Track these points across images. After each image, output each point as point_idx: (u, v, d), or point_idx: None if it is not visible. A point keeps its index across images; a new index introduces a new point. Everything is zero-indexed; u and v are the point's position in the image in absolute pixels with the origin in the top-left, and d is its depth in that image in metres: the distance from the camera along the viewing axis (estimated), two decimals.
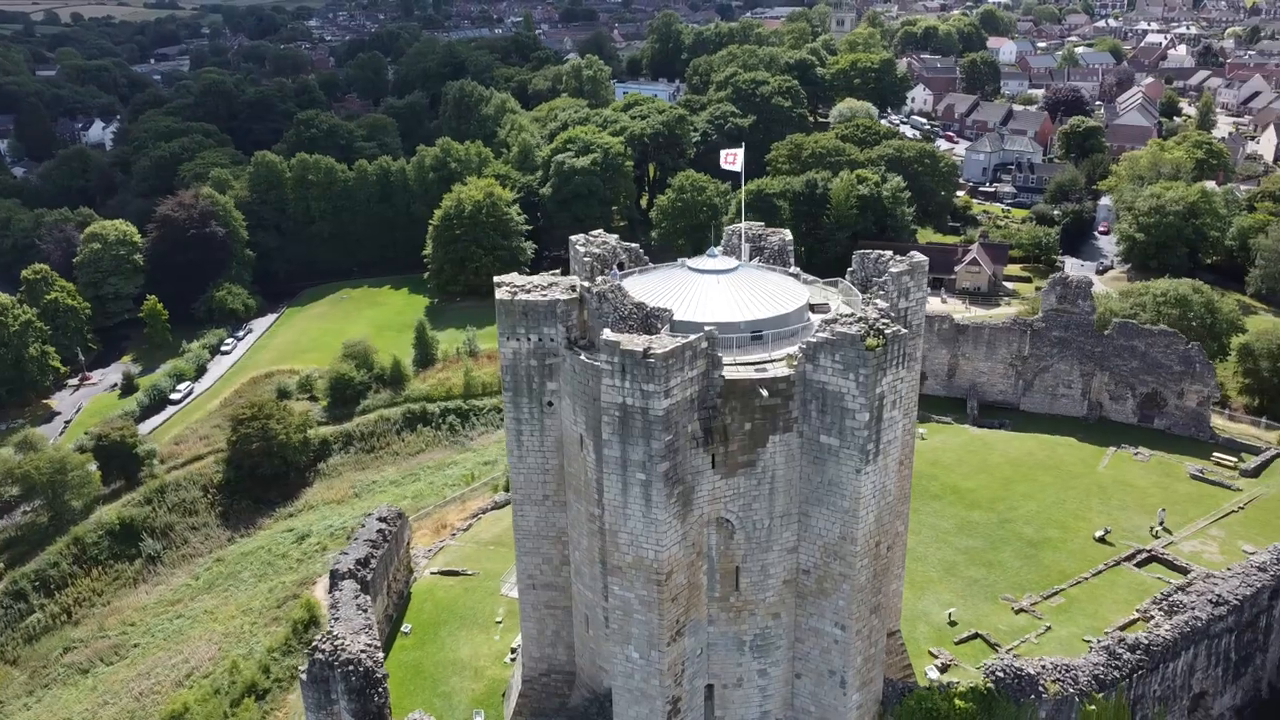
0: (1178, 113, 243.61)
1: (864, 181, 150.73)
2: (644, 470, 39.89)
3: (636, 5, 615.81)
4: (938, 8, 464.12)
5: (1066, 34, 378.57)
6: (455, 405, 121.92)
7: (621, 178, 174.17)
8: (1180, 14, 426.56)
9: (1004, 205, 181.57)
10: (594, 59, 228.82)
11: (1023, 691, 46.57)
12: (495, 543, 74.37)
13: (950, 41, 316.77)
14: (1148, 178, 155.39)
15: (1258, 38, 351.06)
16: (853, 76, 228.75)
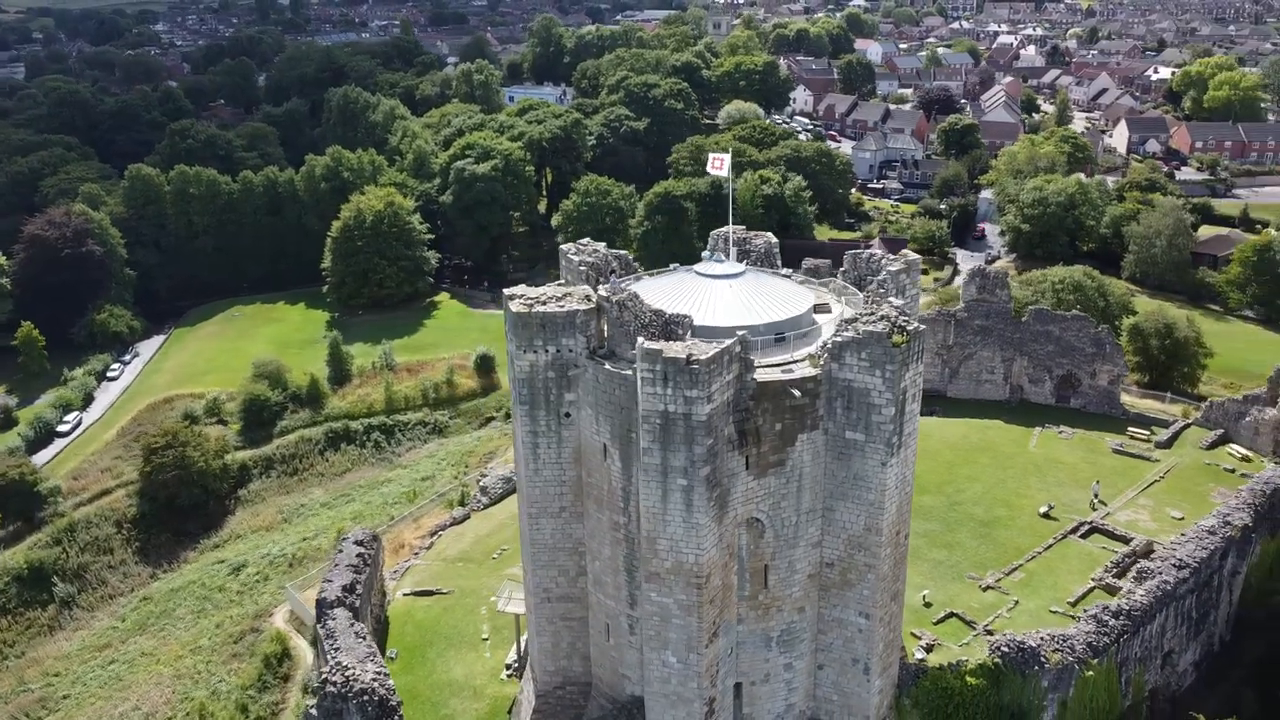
0: (1036, 109, 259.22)
1: (767, 182, 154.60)
2: (685, 476, 40.24)
3: (504, 8, 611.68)
4: (802, 11, 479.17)
5: (925, 36, 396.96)
6: (379, 421, 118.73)
7: (524, 183, 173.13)
8: (1025, 16, 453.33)
9: (892, 201, 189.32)
10: (484, 64, 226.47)
11: (1027, 664, 49.18)
12: (462, 559, 73.07)
13: (821, 43, 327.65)
14: (1026, 172, 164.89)
15: (1096, 38, 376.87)
16: (738, 79, 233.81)
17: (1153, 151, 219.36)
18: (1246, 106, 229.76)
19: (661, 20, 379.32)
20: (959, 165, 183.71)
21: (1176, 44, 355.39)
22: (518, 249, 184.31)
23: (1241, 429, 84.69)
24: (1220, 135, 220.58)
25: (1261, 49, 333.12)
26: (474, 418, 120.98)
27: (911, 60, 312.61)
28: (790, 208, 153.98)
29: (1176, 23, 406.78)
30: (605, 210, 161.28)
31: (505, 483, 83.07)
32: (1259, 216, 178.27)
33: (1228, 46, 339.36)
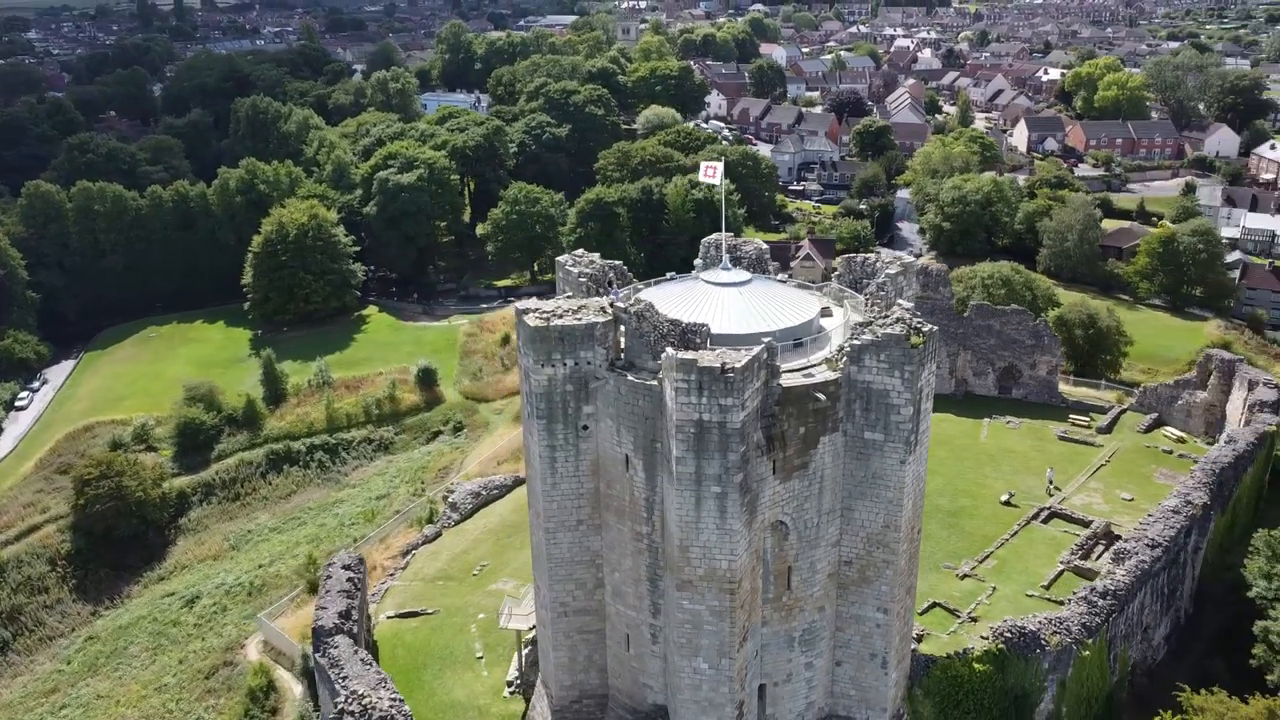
0: (939, 110, 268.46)
1: (696, 186, 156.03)
2: (719, 483, 40.66)
3: (401, 14, 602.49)
4: (703, 16, 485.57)
5: (825, 40, 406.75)
6: (321, 441, 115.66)
7: (450, 193, 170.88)
8: (918, 20, 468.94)
9: (813, 202, 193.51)
10: (400, 71, 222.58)
11: (1029, 647, 51.18)
12: (442, 578, 71.86)
13: (728, 48, 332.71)
14: (942, 172, 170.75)
15: (987, 41, 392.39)
16: (653, 84, 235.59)
17: (1051, 150, 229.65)
18: (1133, 105, 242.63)
19: (568, 26, 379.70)
20: (877, 166, 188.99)
21: (1061, 46, 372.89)
22: (444, 259, 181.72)
23: (1174, 412, 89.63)
24: (1111, 133, 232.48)
25: (1138, 50, 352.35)
26: (420, 433, 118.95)
27: (816, 64, 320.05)
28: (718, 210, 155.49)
29: (1059, 26, 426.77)
30: (535, 218, 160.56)
31: (474, 498, 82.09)
32: (1154, 210, 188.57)
33: (1107, 48, 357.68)
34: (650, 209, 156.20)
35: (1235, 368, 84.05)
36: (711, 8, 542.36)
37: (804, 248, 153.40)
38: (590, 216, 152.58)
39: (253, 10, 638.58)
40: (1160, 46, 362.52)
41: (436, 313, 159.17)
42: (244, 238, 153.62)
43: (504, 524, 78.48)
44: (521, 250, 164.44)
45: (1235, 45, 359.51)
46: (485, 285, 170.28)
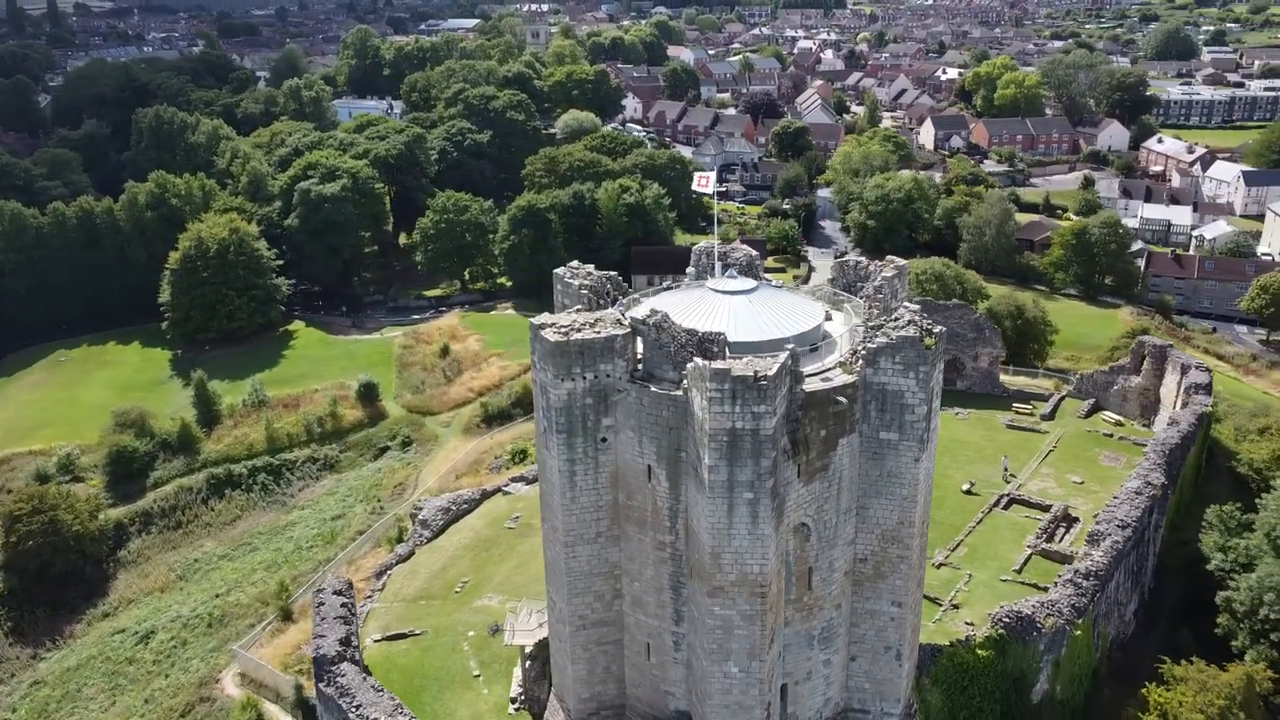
0: (847, 110, 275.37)
1: (627, 190, 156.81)
2: (751, 489, 41.29)
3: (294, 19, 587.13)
4: (606, 18, 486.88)
5: (729, 42, 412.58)
6: (263, 462, 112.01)
7: (374, 203, 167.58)
8: (816, 21, 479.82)
9: (737, 203, 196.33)
10: (312, 78, 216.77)
11: (1026, 631, 53.35)
12: (424, 597, 70.62)
13: (636, 51, 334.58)
14: (863, 171, 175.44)
15: (884, 41, 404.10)
16: (570, 88, 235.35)
17: (957, 147, 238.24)
18: (1030, 103, 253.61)
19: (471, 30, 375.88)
20: (798, 166, 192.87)
21: (955, 46, 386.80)
22: (369, 270, 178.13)
23: (1111, 397, 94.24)
24: (1012, 130, 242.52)
25: (1026, 49, 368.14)
26: (365, 449, 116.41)
27: (724, 66, 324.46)
28: (651, 215, 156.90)
29: (950, 27, 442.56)
30: (464, 226, 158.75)
31: (444, 514, 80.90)
32: (1058, 203, 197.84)
33: (998, 47, 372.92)
34: (582, 214, 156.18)
35: (1167, 353, 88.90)
36: (613, 9, 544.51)
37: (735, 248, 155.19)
38: (523, 223, 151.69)
39: (132, 16, 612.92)
40: (1046, 45, 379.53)
41: (367, 325, 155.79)
42: (156, 254, 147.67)
43: (479, 539, 77.56)
44: (451, 259, 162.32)
45: (1115, 44, 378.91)
46: (415, 296, 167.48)
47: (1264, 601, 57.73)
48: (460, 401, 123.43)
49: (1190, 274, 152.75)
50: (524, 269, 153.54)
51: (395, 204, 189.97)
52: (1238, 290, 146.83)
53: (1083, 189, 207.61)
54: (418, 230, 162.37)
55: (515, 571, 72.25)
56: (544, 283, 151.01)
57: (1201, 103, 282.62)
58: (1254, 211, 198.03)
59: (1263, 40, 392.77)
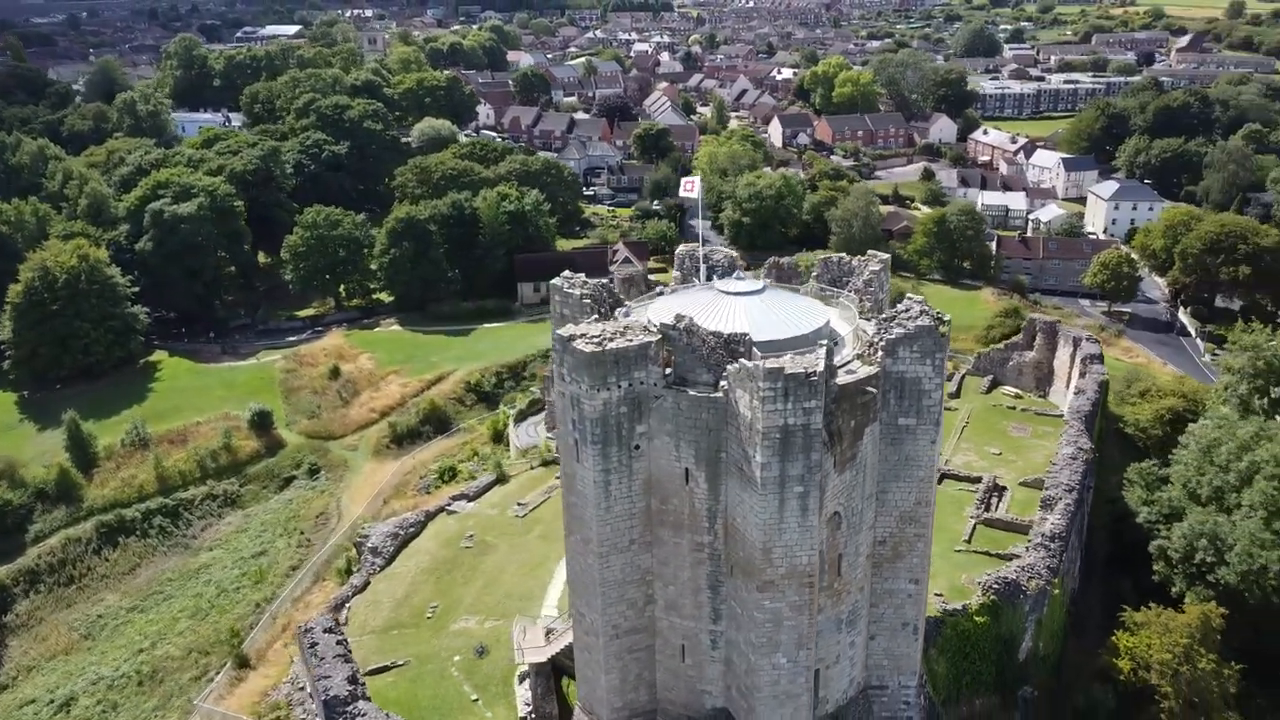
0: (694, 111, 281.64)
1: (506, 198, 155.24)
2: (802, 483, 42.45)
3: (88, 27, 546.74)
4: (434, 22, 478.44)
5: (565, 46, 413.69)
6: (157, 504, 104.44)
7: (234, 221, 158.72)
8: (646, 24, 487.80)
9: (607, 206, 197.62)
10: (148, 89, 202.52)
11: (1013, 594, 56.99)
12: (394, 627, 68.00)
13: (476, 56, 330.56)
14: (730, 170, 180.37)
15: (715, 43, 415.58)
16: (422, 95, 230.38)
17: (804, 144, 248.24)
18: (866, 100, 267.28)
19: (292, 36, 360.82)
20: (666, 167, 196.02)
21: (782, 47, 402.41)
22: (231, 293, 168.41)
23: (1007, 372, 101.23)
24: (853, 126, 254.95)
25: (848, 49, 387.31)
26: (268, 481, 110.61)
27: (567, 70, 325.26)
28: (532, 221, 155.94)
29: (775, 29, 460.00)
30: (337, 242, 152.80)
31: (393, 539, 78.03)
32: (906, 194, 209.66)
33: (821, 47, 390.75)
34: (463, 224, 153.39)
35: (1057, 329, 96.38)
36: (440, 14, 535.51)
37: (620, 251, 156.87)
38: (402, 236, 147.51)
39: None
40: (865, 45, 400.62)
41: (240, 351, 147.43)
42: None
43: (436, 562, 75.34)
44: (324, 277, 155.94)
45: (926, 43, 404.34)
46: (286, 317, 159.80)
47: (1197, 548, 63.90)
48: (362, 423, 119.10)
49: (1036, 255, 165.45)
50: (406, 283, 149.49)
51: (251, 222, 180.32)
52: (1079, 267, 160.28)
53: (924, 180, 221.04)
54: (286, 248, 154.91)
55: (484, 592, 70.75)
56: (427, 296, 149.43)
57: (1012, 96, 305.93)
58: (1073, 195, 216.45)
59: (1054, 37, 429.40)
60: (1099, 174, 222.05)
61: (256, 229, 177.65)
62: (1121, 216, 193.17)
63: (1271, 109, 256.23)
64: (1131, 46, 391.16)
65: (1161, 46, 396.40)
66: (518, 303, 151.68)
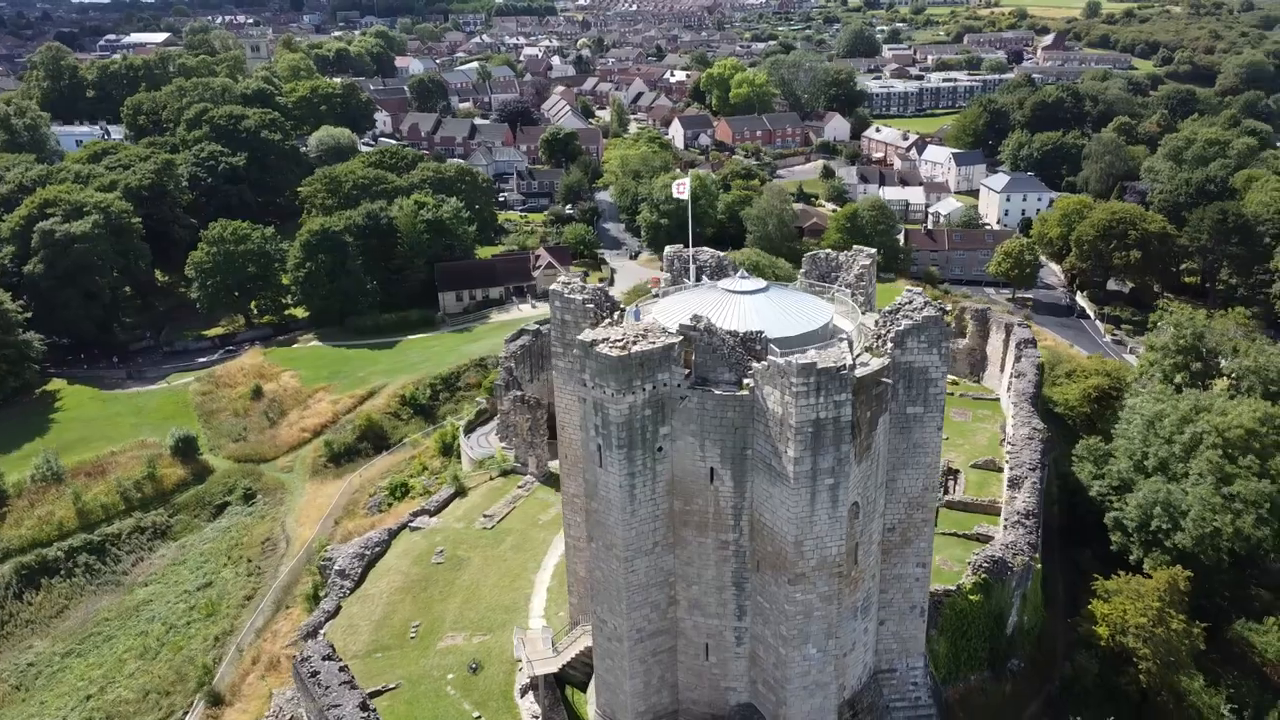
0: (593, 115, 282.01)
1: (424, 206, 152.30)
2: (832, 475, 43.22)
3: None
4: (312, 29, 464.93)
5: (452, 51, 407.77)
6: (81, 541, 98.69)
7: (131, 239, 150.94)
8: (532, 28, 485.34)
9: (519, 212, 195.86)
10: (22, 101, 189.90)
11: (1002, 572, 59.23)
12: (377, 650, 65.86)
13: (363, 62, 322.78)
14: (643, 173, 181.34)
15: (604, 47, 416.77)
16: (317, 103, 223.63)
17: (706, 145, 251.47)
18: (762, 100, 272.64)
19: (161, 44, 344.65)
20: (577, 171, 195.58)
21: (671, 50, 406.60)
22: (129, 315, 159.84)
23: None
24: (752, 126, 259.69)
25: (735, 50, 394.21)
26: (200, 509, 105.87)
27: (459, 75, 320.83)
28: (452, 229, 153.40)
29: (661, 31, 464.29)
30: (246, 257, 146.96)
31: (360, 560, 75.51)
32: (810, 191, 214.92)
33: (709, 49, 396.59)
34: (380, 235, 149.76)
35: (989, 316, 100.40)
36: (316, 20, 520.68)
37: (543, 257, 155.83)
38: (317, 248, 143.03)
39: None
40: (751, 46, 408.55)
41: (147, 375, 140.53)
42: None
43: (410, 580, 73.21)
44: (233, 294, 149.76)
45: (809, 44, 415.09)
46: (194, 337, 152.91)
47: (1153, 515, 67.74)
48: (294, 443, 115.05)
49: (942, 246, 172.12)
50: (323, 297, 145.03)
51: (148, 239, 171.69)
52: (982, 257, 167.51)
53: (825, 178, 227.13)
54: (190, 265, 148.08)
55: (466, 607, 69.21)
56: (347, 309, 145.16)
57: (897, 95, 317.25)
58: (964, 188, 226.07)
59: (928, 37, 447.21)
60: (987, 167, 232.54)
61: (153, 246, 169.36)
62: (1013, 207, 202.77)
63: (1135, 103, 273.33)
64: (1001, 45, 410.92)
65: (1028, 45, 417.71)
66: (440, 313, 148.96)
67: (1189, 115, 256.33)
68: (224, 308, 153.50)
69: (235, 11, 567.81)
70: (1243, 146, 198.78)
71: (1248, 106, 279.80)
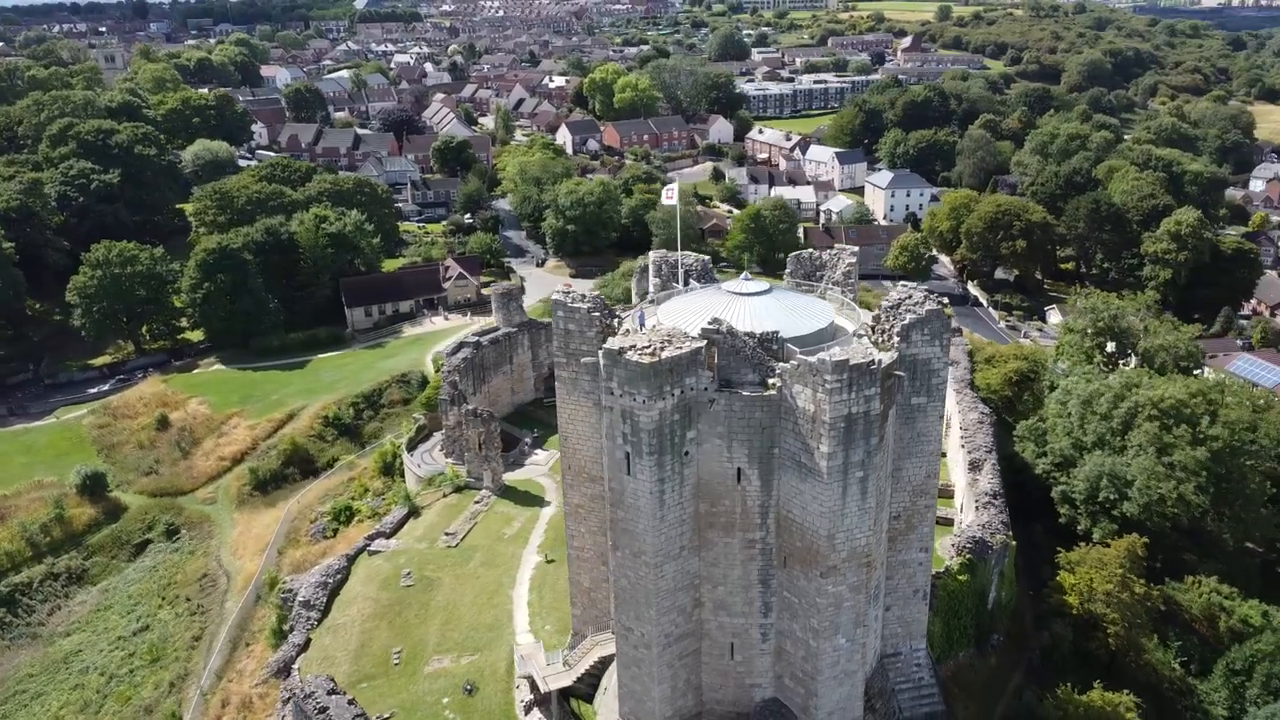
0: (475, 122, 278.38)
1: (325, 220, 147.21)
2: (862, 468, 44.32)
3: None
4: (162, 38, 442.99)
5: (318, 59, 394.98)
6: None
7: (4, 265, 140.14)
8: (399, 35, 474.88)
9: (415, 223, 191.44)
10: None
11: (983, 551, 61.83)
12: (362, 680, 63.45)
13: (228, 72, 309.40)
14: (545, 180, 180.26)
15: (476, 53, 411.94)
16: (190, 115, 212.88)
17: (594, 150, 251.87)
18: (646, 105, 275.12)
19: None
20: (475, 180, 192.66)
21: (544, 55, 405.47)
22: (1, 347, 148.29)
23: None
24: (638, 130, 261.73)
25: (609, 55, 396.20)
26: (118, 550, 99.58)
27: (331, 84, 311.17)
28: (355, 243, 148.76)
29: (531, 37, 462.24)
30: (135, 279, 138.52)
31: (323, 589, 72.71)
32: (704, 193, 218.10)
33: (582, 54, 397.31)
34: (281, 251, 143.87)
35: None
36: (165, 28, 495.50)
37: (452, 268, 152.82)
38: (215, 268, 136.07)
39: None
40: (624, 51, 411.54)
41: (31, 410, 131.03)
42: None
43: (381, 606, 70.88)
44: (122, 319, 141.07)
45: (680, 48, 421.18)
46: (80, 367, 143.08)
47: (1100, 487, 72.00)
48: (213, 473, 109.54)
49: (840, 242, 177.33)
50: (224, 318, 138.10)
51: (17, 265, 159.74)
52: (878, 251, 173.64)
53: (715, 180, 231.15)
54: (72, 290, 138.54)
55: (447, 629, 67.62)
56: (250, 330, 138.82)
57: (773, 97, 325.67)
58: (848, 185, 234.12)
59: (794, 41, 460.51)
60: (868, 165, 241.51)
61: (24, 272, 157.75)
62: (898, 203, 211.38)
63: (995, 101, 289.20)
64: (863, 48, 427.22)
65: (888, 47, 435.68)
66: (349, 329, 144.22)
67: (1045, 111, 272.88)
68: (112, 334, 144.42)
69: (72, 20, 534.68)
70: (1101, 140, 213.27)
71: (1094, 102, 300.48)
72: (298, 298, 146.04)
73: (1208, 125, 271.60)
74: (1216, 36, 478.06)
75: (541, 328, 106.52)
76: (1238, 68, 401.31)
